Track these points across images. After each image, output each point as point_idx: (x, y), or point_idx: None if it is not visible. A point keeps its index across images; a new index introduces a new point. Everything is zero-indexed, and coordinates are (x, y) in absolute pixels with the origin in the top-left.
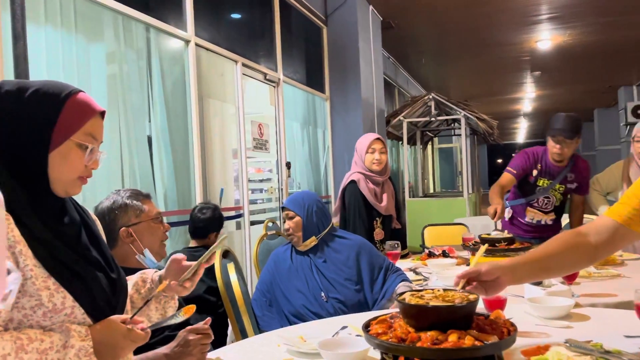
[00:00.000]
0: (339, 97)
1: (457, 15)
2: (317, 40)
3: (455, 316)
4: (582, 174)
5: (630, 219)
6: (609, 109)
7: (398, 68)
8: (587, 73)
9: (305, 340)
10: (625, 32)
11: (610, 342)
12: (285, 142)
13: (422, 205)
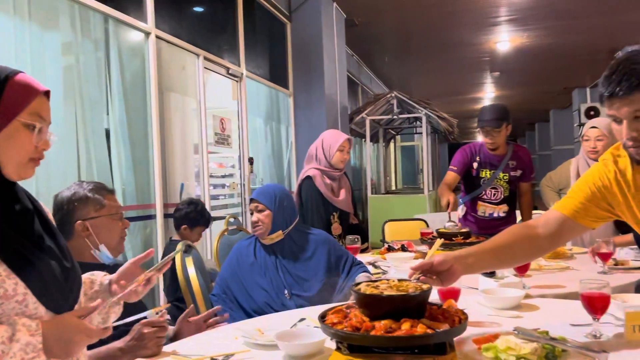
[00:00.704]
0: (302, 94)
1: (420, 14)
2: (280, 36)
3: (408, 305)
4: (523, 159)
5: (576, 212)
6: (564, 110)
7: (361, 66)
8: (544, 75)
9: (263, 332)
10: (579, 36)
11: (557, 330)
12: (247, 137)
13: (384, 202)
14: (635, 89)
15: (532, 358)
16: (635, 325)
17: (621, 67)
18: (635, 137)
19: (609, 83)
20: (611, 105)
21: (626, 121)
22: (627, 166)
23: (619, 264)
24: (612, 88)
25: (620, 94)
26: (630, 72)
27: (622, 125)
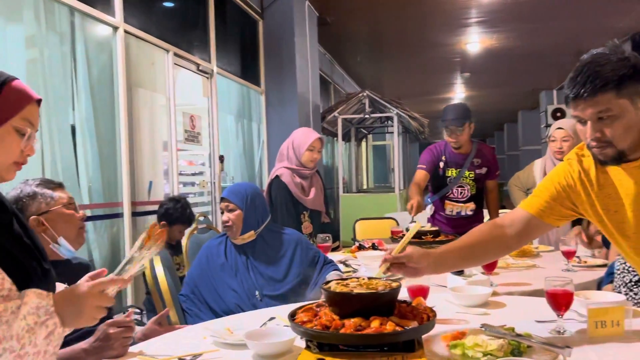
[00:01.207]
0: (274, 91)
1: (392, 14)
2: (252, 33)
3: (377, 303)
4: (488, 157)
5: (542, 211)
6: (532, 111)
7: (334, 64)
8: (512, 76)
9: (232, 332)
10: (546, 38)
11: (523, 326)
12: (218, 135)
13: (356, 200)
14: (599, 91)
15: (499, 354)
16: (598, 321)
17: (586, 70)
18: (599, 137)
19: (574, 85)
20: (576, 106)
21: (590, 122)
22: (591, 166)
23: (582, 261)
24: (577, 90)
25: (585, 96)
26: (595, 74)
27: (586, 126)
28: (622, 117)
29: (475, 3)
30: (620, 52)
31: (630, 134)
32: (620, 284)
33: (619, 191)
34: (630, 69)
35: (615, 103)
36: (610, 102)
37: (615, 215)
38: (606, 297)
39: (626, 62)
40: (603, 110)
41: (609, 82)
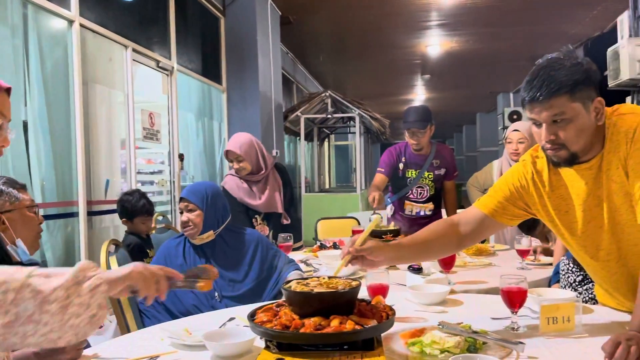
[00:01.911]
0: (236, 90)
1: (354, 15)
2: (214, 30)
3: (337, 302)
4: (447, 158)
5: (495, 210)
6: (489, 114)
7: (296, 64)
8: (471, 79)
9: (191, 333)
10: (503, 42)
11: (479, 323)
12: (178, 132)
13: (318, 200)
14: (554, 95)
15: (455, 351)
16: (549, 317)
17: (541, 74)
18: (553, 139)
19: (530, 88)
20: (532, 109)
21: (545, 125)
22: (544, 167)
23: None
24: (533, 93)
25: (541, 99)
26: (550, 78)
27: (541, 129)
28: (575, 120)
29: (436, 6)
30: (574, 58)
31: (582, 137)
32: (565, 283)
33: (570, 192)
34: (583, 74)
35: (568, 107)
36: (564, 105)
37: (566, 215)
38: (558, 295)
39: (579, 68)
40: (557, 114)
41: (563, 86)
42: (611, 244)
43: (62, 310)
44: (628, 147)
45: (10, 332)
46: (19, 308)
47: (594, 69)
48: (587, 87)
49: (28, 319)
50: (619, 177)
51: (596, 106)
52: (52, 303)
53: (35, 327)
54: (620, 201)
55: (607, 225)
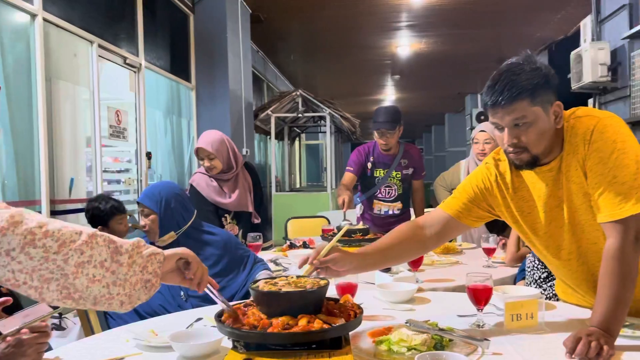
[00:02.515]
0: (205, 88)
1: (325, 14)
2: (183, 27)
3: (306, 301)
4: (415, 158)
5: (460, 212)
6: (458, 114)
7: (267, 62)
8: (440, 80)
9: (157, 334)
10: (472, 44)
11: (446, 321)
12: (146, 131)
13: (288, 199)
14: (515, 99)
15: (422, 349)
16: (513, 314)
17: (503, 78)
18: (515, 143)
19: (492, 93)
20: (494, 113)
21: (507, 129)
22: (507, 170)
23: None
24: (495, 98)
25: (503, 104)
26: (511, 83)
27: (503, 133)
28: (536, 124)
29: (406, 7)
30: (533, 62)
31: (543, 140)
32: (531, 280)
33: (532, 193)
34: (542, 79)
35: (529, 110)
36: (525, 109)
37: (528, 216)
38: (522, 292)
39: (539, 72)
40: (519, 118)
41: (523, 90)
42: (572, 243)
43: (130, 265)
44: (585, 149)
45: (82, 272)
46: (93, 251)
47: (552, 74)
48: (546, 91)
49: (101, 264)
50: (578, 178)
51: (555, 110)
52: (123, 254)
53: (104, 273)
54: (580, 201)
55: (567, 225)
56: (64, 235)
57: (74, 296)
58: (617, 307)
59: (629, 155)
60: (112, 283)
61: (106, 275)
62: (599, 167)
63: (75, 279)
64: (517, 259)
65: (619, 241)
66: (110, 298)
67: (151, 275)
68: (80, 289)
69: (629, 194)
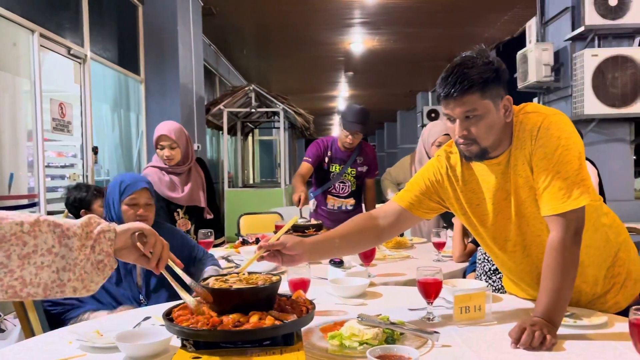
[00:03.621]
0: (155, 81)
1: (279, 9)
2: (131, 18)
3: (257, 298)
4: (370, 156)
5: (412, 204)
6: (409, 111)
7: (219, 56)
8: (392, 77)
9: (102, 334)
10: (423, 43)
11: (397, 314)
12: (92, 124)
13: (241, 196)
14: (467, 92)
15: (374, 343)
16: (462, 307)
17: (456, 71)
18: (465, 135)
19: (444, 85)
20: (447, 105)
21: (459, 120)
22: (457, 162)
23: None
24: (448, 90)
25: (455, 95)
26: (463, 75)
27: (455, 124)
28: (486, 117)
29: (359, 4)
30: (486, 57)
31: (492, 133)
32: (481, 272)
33: (481, 186)
34: (493, 73)
35: (480, 103)
36: (476, 102)
37: (477, 208)
38: (470, 285)
39: (490, 66)
40: (470, 110)
41: (475, 84)
42: (517, 235)
43: (80, 248)
44: (532, 144)
45: (29, 263)
46: (38, 240)
47: (503, 68)
48: (496, 85)
49: (48, 250)
50: (525, 172)
51: (505, 104)
52: (71, 238)
53: (52, 259)
54: (526, 195)
55: (514, 218)
56: (3, 229)
57: (21, 294)
58: (558, 298)
59: (572, 152)
60: (62, 268)
61: (55, 260)
62: (544, 162)
63: (23, 271)
64: (464, 255)
65: (560, 234)
66: (61, 285)
67: (103, 255)
68: (28, 279)
69: (571, 189)
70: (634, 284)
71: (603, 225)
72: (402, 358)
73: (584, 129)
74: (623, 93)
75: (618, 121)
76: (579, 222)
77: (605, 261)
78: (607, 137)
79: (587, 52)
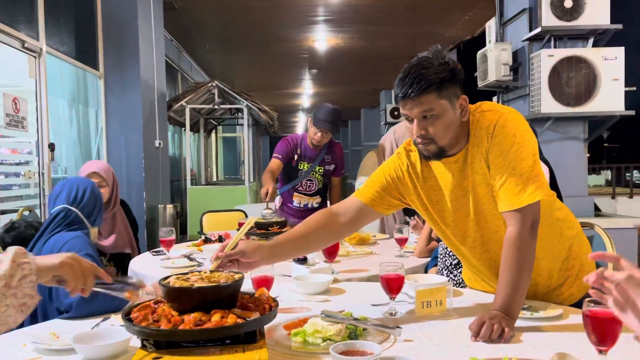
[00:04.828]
0: (115, 76)
1: (242, 5)
2: (89, 11)
3: (219, 296)
4: (338, 155)
5: (373, 200)
6: (373, 109)
7: (181, 52)
8: (356, 75)
9: (58, 336)
10: (386, 41)
11: (360, 310)
12: (48, 120)
13: (204, 193)
14: (424, 92)
15: (337, 339)
16: (424, 301)
17: (412, 72)
18: (423, 134)
19: (402, 85)
20: (404, 105)
21: (416, 120)
22: (417, 160)
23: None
24: (405, 90)
25: (412, 96)
26: (420, 76)
27: (413, 124)
28: (443, 117)
29: (323, 2)
30: (441, 57)
31: (449, 132)
32: (442, 267)
33: (439, 183)
34: (449, 73)
35: (436, 103)
36: (432, 102)
37: (437, 205)
38: (431, 280)
39: (446, 67)
40: (427, 110)
41: (431, 84)
42: (476, 231)
43: (3, 294)
44: (489, 141)
45: None
46: None
47: (459, 68)
48: (453, 85)
49: None
50: (482, 170)
51: (461, 103)
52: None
53: None
54: (483, 191)
55: (472, 214)
56: None
57: None
58: (516, 292)
59: (526, 149)
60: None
61: None
62: (500, 159)
63: None
64: (425, 251)
65: (517, 229)
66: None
67: (26, 298)
68: None
69: (526, 185)
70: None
71: (557, 220)
72: (365, 353)
73: (541, 128)
74: (577, 92)
75: (573, 120)
76: (535, 217)
77: (559, 254)
78: (562, 135)
79: (544, 52)
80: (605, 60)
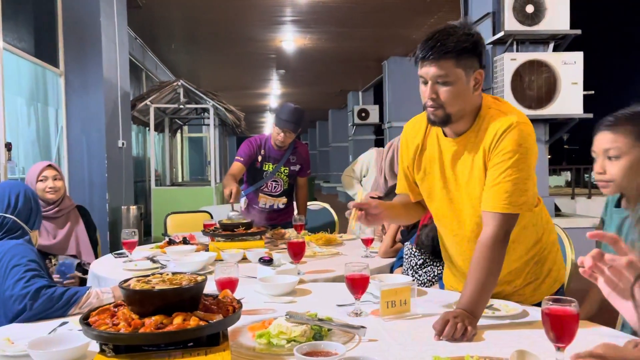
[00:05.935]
0: (76, 74)
1: (208, 3)
2: (49, 6)
3: (181, 298)
4: (303, 155)
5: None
6: (341, 110)
7: (146, 51)
8: (323, 76)
9: (14, 342)
10: (353, 43)
11: (325, 311)
12: (4, 119)
13: (169, 194)
14: (442, 57)
15: (302, 340)
16: (388, 301)
17: (436, 36)
18: (434, 98)
19: (423, 47)
20: (422, 66)
21: (430, 83)
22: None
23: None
24: (425, 52)
25: (431, 59)
26: (442, 41)
27: (427, 86)
28: (455, 85)
29: (290, 2)
30: (468, 28)
31: (459, 101)
32: (407, 267)
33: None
34: (471, 44)
35: (452, 71)
36: (449, 68)
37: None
38: (396, 280)
39: (469, 38)
40: (442, 75)
41: (451, 51)
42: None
43: None
44: (493, 144)
45: None
46: None
47: (482, 42)
48: (471, 56)
49: None
50: (477, 163)
51: (476, 77)
52: None
53: None
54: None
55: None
56: None
57: None
58: (482, 292)
59: (527, 162)
60: None
61: None
62: (500, 163)
63: None
64: (390, 252)
65: (493, 231)
66: None
67: None
68: None
69: (516, 195)
70: (553, 282)
71: (534, 226)
72: (329, 354)
73: None
74: (539, 95)
75: (534, 122)
76: (511, 226)
77: (531, 258)
78: None
79: (507, 56)
80: (565, 64)
